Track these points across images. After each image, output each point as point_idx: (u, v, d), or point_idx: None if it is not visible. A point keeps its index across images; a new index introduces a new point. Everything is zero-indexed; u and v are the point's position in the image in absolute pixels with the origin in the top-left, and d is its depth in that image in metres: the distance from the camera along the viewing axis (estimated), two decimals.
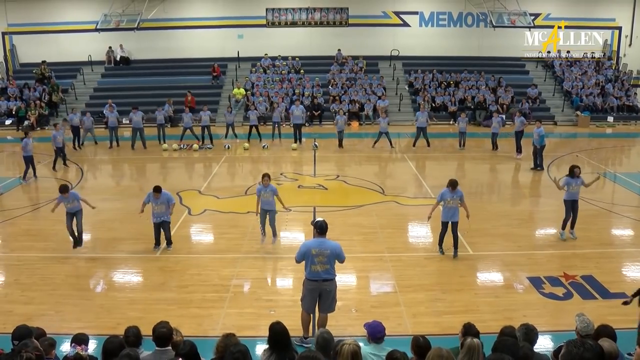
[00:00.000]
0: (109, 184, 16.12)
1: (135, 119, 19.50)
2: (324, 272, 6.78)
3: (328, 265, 6.77)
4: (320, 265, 6.75)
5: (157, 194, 9.96)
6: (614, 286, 8.67)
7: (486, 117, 24.32)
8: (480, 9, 26.61)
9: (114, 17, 25.20)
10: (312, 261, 6.76)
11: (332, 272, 6.86)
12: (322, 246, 6.78)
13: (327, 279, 6.81)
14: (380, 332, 5.13)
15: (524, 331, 5.01)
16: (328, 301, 6.94)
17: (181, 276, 9.19)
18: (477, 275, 9.38)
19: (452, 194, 9.67)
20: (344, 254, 6.95)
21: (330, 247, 6.80)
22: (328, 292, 6.86)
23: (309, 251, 6.77)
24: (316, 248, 6.77)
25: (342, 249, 6.92)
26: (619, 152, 20.54)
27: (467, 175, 16.31)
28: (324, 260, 6.74)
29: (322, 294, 6.87)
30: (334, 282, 6.92)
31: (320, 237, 6.89)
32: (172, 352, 4.73)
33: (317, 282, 6.82)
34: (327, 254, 6.74)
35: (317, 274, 6.78)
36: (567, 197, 10.56)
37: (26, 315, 7.52)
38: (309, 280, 6.87)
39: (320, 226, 6.91)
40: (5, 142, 22.12)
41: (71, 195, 10.04)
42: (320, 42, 28.16)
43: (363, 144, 20.93)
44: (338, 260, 6.89)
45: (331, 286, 6.90)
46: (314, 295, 6.90)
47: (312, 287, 6.86)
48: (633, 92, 26.85)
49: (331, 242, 6.91)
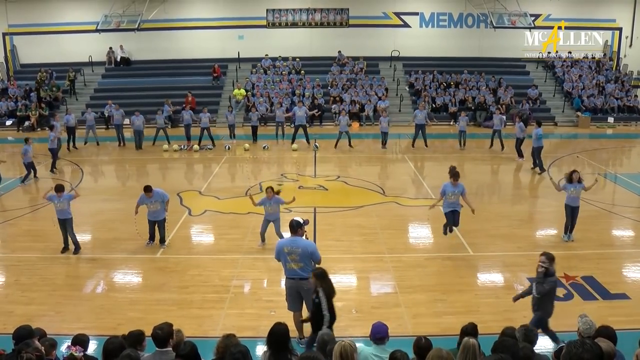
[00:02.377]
0: (109, 184, 16.12)
1: (137, 123, 19.56)
2: (300, 270, 6.84)
3: (302, 264, 6.83)
4: (295, 264, 6.83)
5: (148, 193, 9.98)
6: (615, 287, 8.68)
7: (486, 118, 24.32)
8: (481, 9, 26.62)
9: (115, 18, 25.24)
10: (286, 259, 6.87)
11: (308, 271, 6.84)
12: (294, 244, 6.88)
13: (304, 277, 6.83)
14: (380, 333, 5.13)
15: (523, 332, 5.02)
16: (310, 299, 6.91)
17: (181, 277, 9.19)
18: (478, 276, 9.38)
19: (454, 187, 9.78)
20: (319, 254, 6.98)
21: (301, 245, 6.88)
22: (307, 290, 6.83)
23: (282, 249, 6.90)
24: (288, 246, 6.89)
25: (316, 248, 6.99)
26: (619, 153, 20.54)
27: (468, 176, 16.24)
28: (297, 259, 6.82)
29: (301, 293, 6.93)
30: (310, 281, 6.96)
31: (293, 236, 6.99)
32: (173, 353, 4.74)
33: (295, 280, 6.90)
34: (299, 252, 6.82)
35: (293, 272, 6.88)
36: (566, 201, 10.61)
37: (27, 315, 7.52)
38: (287, 278, 7.00)
39: (291, 225, 7.02)
40: (5, 142, 22.14)
41: (64, 196, 9.96)
42: (320, 43, 28.19)
43: (363, 145, 20.94)
44: (313, 259, 6.93)
45: (309, 285, 6.85)
46: (293, 293, 6.99)
47: (290, 284, 6.97)
48: (633, 93, 26.86)
49: (303, 241, 7.01)
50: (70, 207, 10.04)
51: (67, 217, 10.00)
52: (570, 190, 10.43)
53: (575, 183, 10.39)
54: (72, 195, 10.26)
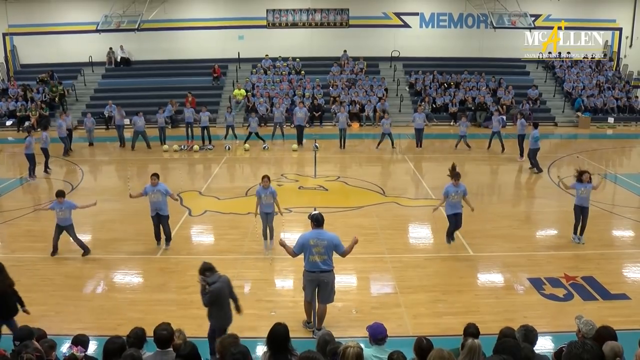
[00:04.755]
0: (109, 184, 16.09)
1: (139, 123, 19.56)
2: (322, 263, 6.94)
3: (326, 256, 6.94)
4: (319, 256, 6.92)
5: (154, 180, 10.01)
6: (615, 287, 8.68)
7: (487, 118, 24.31)
8: (481, 10, 26.63)
9: (115, 18, 25.24)
10: (310, 252, 6.93)
11: (330, 264, 7.02)
12: (320, 237, 6.95)
13: (325, 270, 6.96)
14: (381, 334, 5.13)
15: (523, 332, 5.02)
16: (326, 292, 7.12)
17: (182, 277, 9.19)
18: (478, 277, 9.38)
19: (456, 188, 9.83)
20: (343, 246, 7.06)
21: (327, 237, 6.97)
22: (326, 283, 7.02)
23: (307, 242, 6.94)
24: (314, 239, 6.94)
25: (340, 240, 7.07)
26: (619, 153, 20.54)
27: (468, 176, 16.20)
28: (322, 251, 6.91)
29: (320, 285, 7.05)
30: (332, 273, 7.09)
31: (317, 229, 7.04)
32: (173, 354, 4.74)
33: (315, 273, 6.99)
34: (325, 245, 6.91)
35: (315, 265, 6.95)
36: (576, 202, 10.54)
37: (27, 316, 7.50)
38: (307, 271, 7.06)
39: (316, 218, 7.08)
40: (6, 142, 22.14)
41: (65, 203, 9.89)
42: (320, 43, 28.18)
43: (364, 145, 20.95)
44: (337, 251, 7.02)
45: (329, 277, 7.06)
46: (313, 286, 7.09)
47: (311, 278, 7.04)
48: (633, 94, 26.86)
49: (328, 233, 7.10)
50: (71, 214, 9.96)
51: (67, 224, 9.93)
52: (581, 190, 10.36)
53: (585, 183, 10.34)
54: (75, 205, 10.09)
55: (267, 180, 10.08)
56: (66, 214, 9.87)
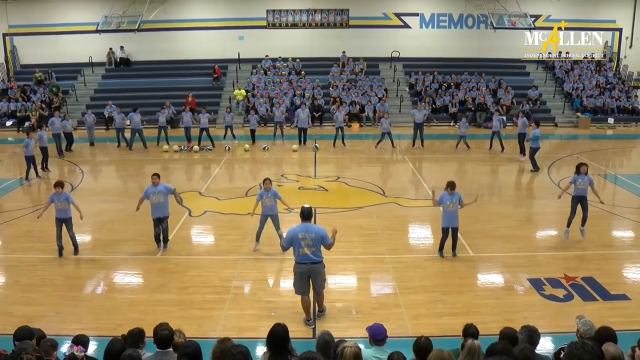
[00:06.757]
0: (109, 185, 16.09)
1: (135, 120, 19.55)
2: (312, 255, 7.26)
3: (314, 248, 7.26)
4: (308, 248, 7.23)
5: (155, 179, 10.00)
6: (615, 288, 8.67)
7: (487, 119, 24.32)
8: (481, 10, 26.62)
9: (115, 19, 25.23)
10: (300, 245, 7.24)
11: (320, 255, 7.36)
12: (308, 230, 7.27)
13: (316, 261, 7.29)
14: (381, 335, 5.13)
15: (527, 333, 4.99)
16: (318, 282, 7.45)
17: (182, 277, 9.19)
18: (478, 277, 9.37)
19: (451, 196, 9.72)
20: (329, 238, 7.36)
21: (314, 230, 7.30)
22: (317, 273, 7.35)
23: (296, 236, 7.25)
24: (302, 232, 7.25)
25: (327, 233, 7.38)
26: (619, 154, 20.54)
27: (468, 177, 16.30)
28: (310, 244, 7.23)
29: (312, 276, 7.36)
30: (321, 264, 7.42)
31: (304, 222, 7.36)
32: (174, 354, 4.72)
33: (306, 265, 7.29)
34: (312, 237, 7.22)
35: (306, 257, 7.26)
36: (574, 193, 10.62)
37: (26, 316, 7.51)
38: (298, 264, 7.34)
39: (304, 212, 7.40)
40: (6, 142, 22.15)
41: (64, 195, 9.95)
42: (320, 44, 28.19)
43: (363, 145, 20.94)
44: (323, 244, 7.33)
45: (319, 268, 7.38)
46: (304, 278, 7.36)
47: (302, 270, 7.32)
48: (633, 94, 26.85)
49: (315, 226, 7.48)
50: (70, 207, 10.01)
51: (66, 216, 9.95)
52: (579, 181, 10.46)
53: (583, 175, 10.43)
54: (72, 199, 10.11)
55: (269, 182, 10.09)
56: (65, 205, 9.91)
